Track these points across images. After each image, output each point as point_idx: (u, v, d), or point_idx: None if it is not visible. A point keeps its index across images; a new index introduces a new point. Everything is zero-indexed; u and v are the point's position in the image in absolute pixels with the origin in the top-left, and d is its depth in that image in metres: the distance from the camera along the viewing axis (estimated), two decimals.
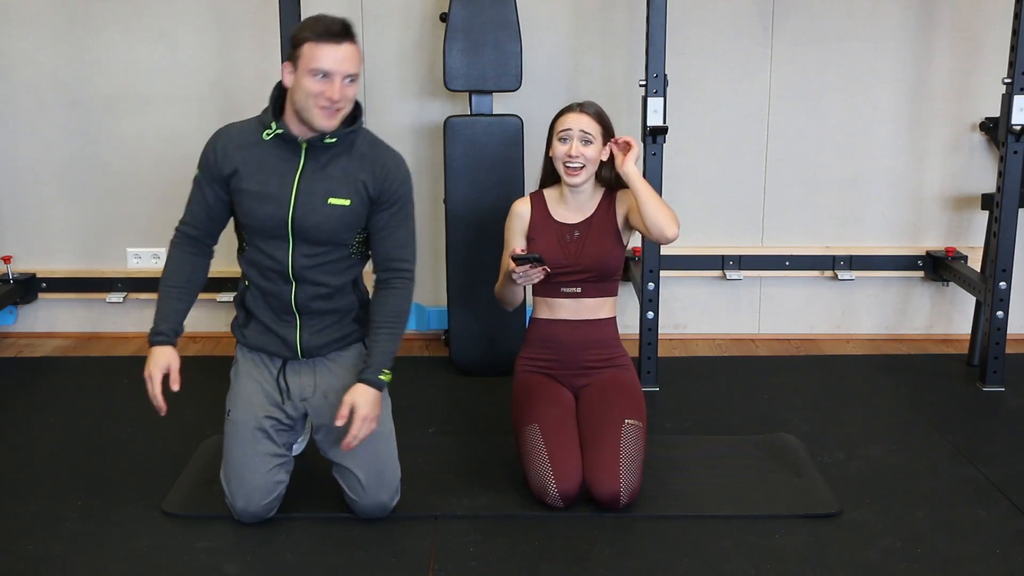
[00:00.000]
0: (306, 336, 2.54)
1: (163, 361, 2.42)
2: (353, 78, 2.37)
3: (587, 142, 2.69)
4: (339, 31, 2.33)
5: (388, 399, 2.60)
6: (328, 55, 2.31)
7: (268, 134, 2.43)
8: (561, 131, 2.73)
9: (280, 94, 2.45)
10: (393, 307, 2.52)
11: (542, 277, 2.65)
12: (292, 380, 2.57)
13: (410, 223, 2.56)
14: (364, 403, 2.43)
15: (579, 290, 2.77)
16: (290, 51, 2.38)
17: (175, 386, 2.42)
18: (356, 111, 2.48)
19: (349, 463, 2.52)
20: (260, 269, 2.51)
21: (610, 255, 2.76)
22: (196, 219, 2.53)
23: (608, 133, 2.74)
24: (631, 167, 2.68)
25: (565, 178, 2.74)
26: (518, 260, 2.60)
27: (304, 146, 2.43)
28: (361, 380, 2.46)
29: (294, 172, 2.44)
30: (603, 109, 2.79)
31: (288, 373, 2.57)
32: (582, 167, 2.70)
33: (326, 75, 2.32)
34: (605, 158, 2.75)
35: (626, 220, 2.78)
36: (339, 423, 2.42)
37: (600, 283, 2.78)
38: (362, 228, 2.54)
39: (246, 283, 2.57)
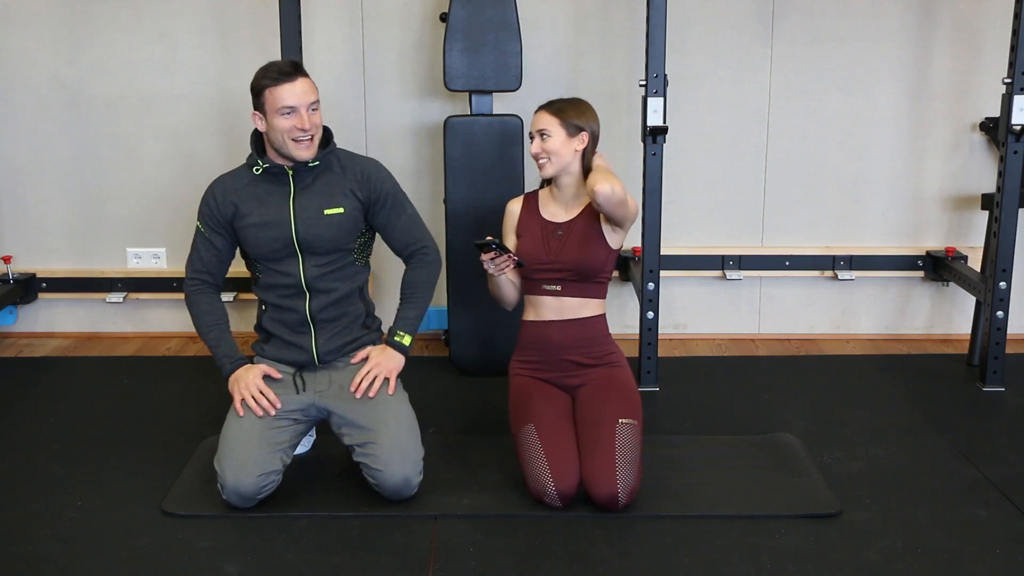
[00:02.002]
0: (321, 342, 2.73)
1: (255, 371, 2.68)
2: (315, 106, 2.64)
3: (545, 137, 2.77)
4: (290, 70, 2.61)
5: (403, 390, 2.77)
6: (288, 92, 2.58)
7: (257, 169, 2.69)
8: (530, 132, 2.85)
9: (258, 138, 2.72)
10: (411, 279, 2.82)
11: (512, 265, 2.72)
12: (308, 378, 2.73)
13: (408, 210, 2.83)
14: (377, 352, 2.72)
15: (559, 288, 2.79)
16: (254, 102, 2.64)
17: (278, 376, 2.68)
18: (328, 135, 2.75)
19: (370, 437, 2.58)
20: (277, 289, 2.72)
21: (590, 255, 2.77)
22: (208, 265, 2.76)
23: (572, 122, 2.76)
24: (596, 159, 2.79)
25: (539, 172, 2.84)
26: (478, 247, 2.68)
27: (291, 173, 2.68)
28: None
29: (287, 197, 2.69)
30: (582, 101, 2.82)
31: (304, 373, 2.74)
32: (546, 160, 2.78)
33: (292, 110, 2.59)
34: (579, 148, 2.78)
35: (606, 219, 2.77)
36: (353, 362, 2.71)
37: (581, 283, 2.79)
38: (361, 232, 2.77)
39: (263, 307, 2.78)
